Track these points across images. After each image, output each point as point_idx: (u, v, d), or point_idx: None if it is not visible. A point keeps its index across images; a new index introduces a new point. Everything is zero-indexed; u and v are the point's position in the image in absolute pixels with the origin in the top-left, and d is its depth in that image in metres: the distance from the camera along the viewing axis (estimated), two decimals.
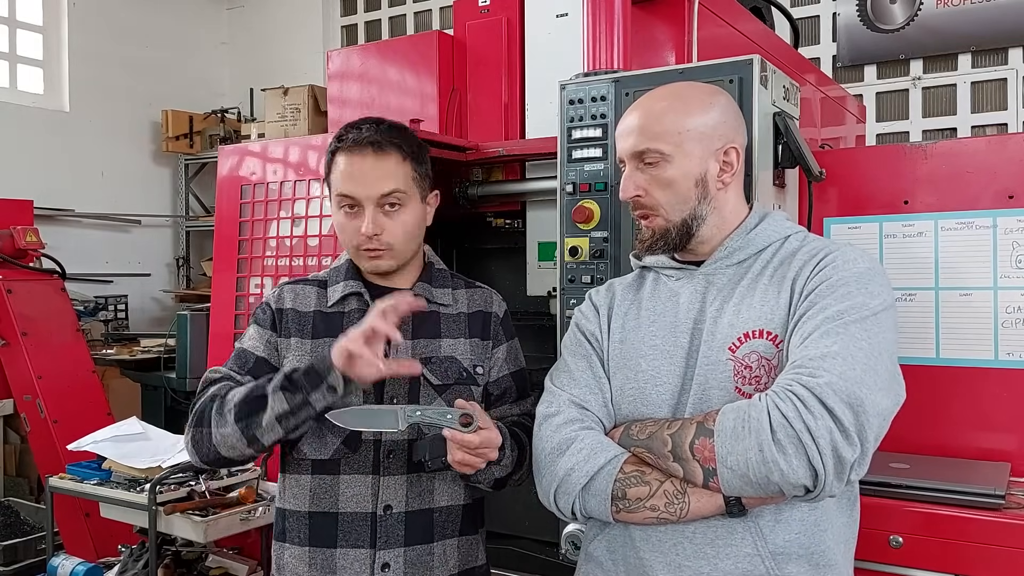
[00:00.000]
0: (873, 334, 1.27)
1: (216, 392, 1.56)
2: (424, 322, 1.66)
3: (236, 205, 2.76)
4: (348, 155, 1.60)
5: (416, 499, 1.60)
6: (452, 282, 1.73)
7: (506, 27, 2.63)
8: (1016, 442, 1.88)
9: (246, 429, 1.49)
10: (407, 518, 1.59)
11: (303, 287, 1.69)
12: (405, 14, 6.63)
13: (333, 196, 1.64)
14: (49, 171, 5.79)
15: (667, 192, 1.43)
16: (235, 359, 1.64)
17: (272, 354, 1.63)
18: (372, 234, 1.58)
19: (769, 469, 1.21)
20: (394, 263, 1.63)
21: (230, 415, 1.50)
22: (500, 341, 1.73)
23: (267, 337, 1.64)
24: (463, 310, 1.71)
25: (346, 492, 1.58)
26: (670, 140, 1.42)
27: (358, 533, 1.57)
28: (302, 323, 1.64)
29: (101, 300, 5.76)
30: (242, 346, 1.66)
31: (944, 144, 2.06)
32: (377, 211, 1.58)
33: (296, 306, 1.66)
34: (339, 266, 1.71)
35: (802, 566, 1.32)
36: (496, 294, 1.78)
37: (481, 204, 2.66)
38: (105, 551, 3.41)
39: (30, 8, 6.03)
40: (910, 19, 4.78)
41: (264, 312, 1.67)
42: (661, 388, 1.40)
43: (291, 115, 5.58)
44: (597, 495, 1.36)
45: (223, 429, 1.51)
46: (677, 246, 1.46)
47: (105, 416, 3.96)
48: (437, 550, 1.62)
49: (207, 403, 1.55)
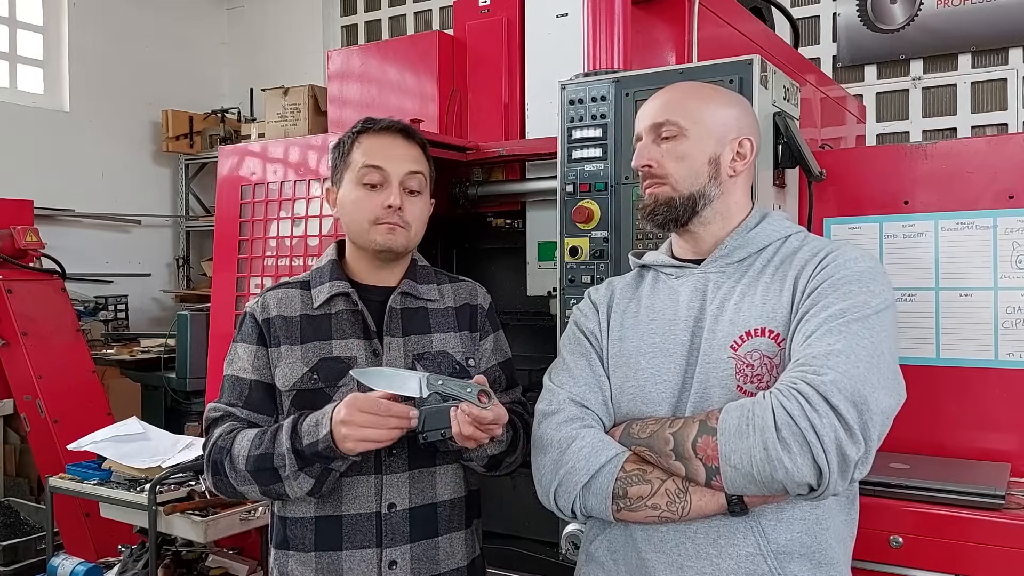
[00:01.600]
0: (875, 332, 1.27)
1: (222, 443, 1.55)
2: (412, 318, 1.66)
3: (236, 205, 2.76)
4: (378, 136, 1.64)
5: (419, 495, 1.60)
6: (436, 277, 1.74)
7: (506, 27, 2.63)
8: (1016, 442, 1.88)
9: (270, 492, 1.54)
10: (411, 514, 1.59)
11: (286, 291, 1.67)
12: (405, 14, 6.63)
13: (355, 171, 1.62)
14: (49, 171, 5.79)
15: (680, 164, 1.44)
16: (230, 390, 1.62)
17: (263, 372, 1.62)
18: (398, 207, 1.59)
19: (773, 467, 1.21)
20: (405, 245, 1.64)
21: (250, 477, 1.51)
22: (487, 332, 1.74)
23: (254, 353, 1.62)
24: (450, 304, 1.72)
25: (349, 494, 1.58)
26: (689, 117, 1.44)
27: (364, 533, 1.57)
28: (290, 329, 1.62)
29: (101, 300, 5.76)
30: (233, 373, 1.63)
31: (944, 144, 2.06)
32: (400, 189, 1.61)
33: (282, 312, 1.64)
34: (322, 267, 1.69)
35: (804, 565, 1.32)
36: (480, 286, 1.79)
37: (481, 204, 2.66)
38: (105, 551, 3.42)
39: (30, 8, 6.03)
40: (910, 19, 4.78)
41: (249, 326, 1.65)
42: (661, 386, 1.40)
43: (291, 115, 5.58)
44: (598, 494, 1.35)
45: (246, 487, 1.54)
46: (678, 219, 1.45)
47: (105, 416, 3.97)
48: (443, 543, 1.63)
49: (217, 453, 1.55)
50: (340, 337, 1.61)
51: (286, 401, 1.59)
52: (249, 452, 1.51)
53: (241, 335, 1.66)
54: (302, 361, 1.59)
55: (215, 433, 1.58)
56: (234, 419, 1.59)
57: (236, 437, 1.54)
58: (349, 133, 1.67)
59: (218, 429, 1.58)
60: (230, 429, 1.57)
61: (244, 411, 1.60)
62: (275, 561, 1.65)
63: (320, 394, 1.57)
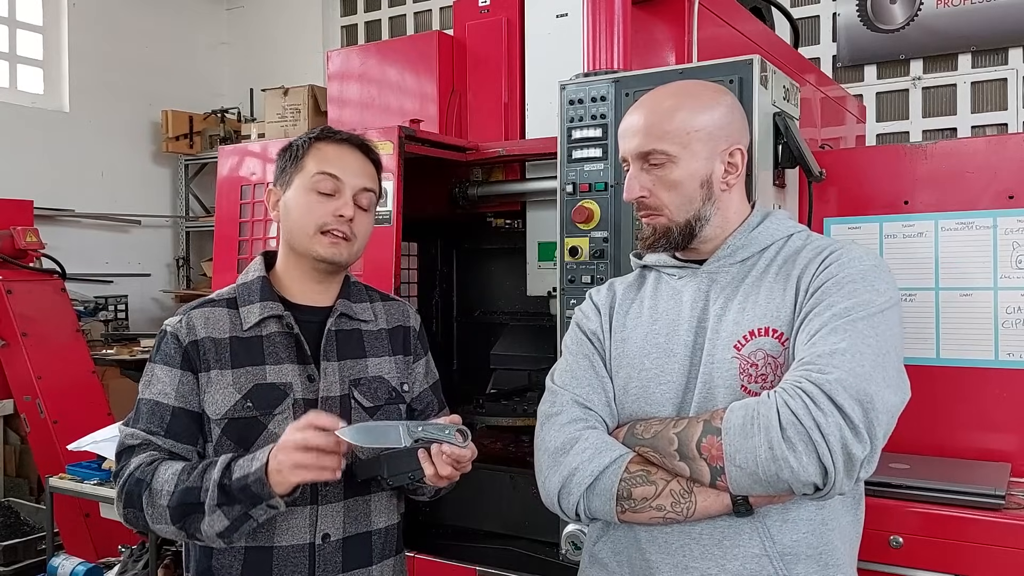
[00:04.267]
0: (880, 331, 1.26)
1: (140, 475, 1.44)
2: (348, 342, 1.60)
3: (236, 205, 2.76)
4: (336, 145, 1.60)
5: (353, 524, 1.55)
6: (368, 295, 1.69)
7: (506, 27, 2.63)
8: (1016, 442, 1.88)
9: (186, 529, 1.42)
10: (344, 544, 1.54)
11: (212, 310, 1.56)
12: (405, 14, 6.63)
13: (307, 176, 1.55)
14: (49, 171, 5.79)
15: (672, 193, 1.42)
16: (149, 416, 1.50)
17: (188, 398, 1.50)
18: (350, 217, 1.55)
19: (779, 467, 1.20)
20: (347, 259, 1.58)
21: (166, 514, 1.41)
22: (420, 355, 1.71)
23: (178, 378, 1.51)
24: (383, 326, 1.67)
25: (283, 524, 1.49)
26: (676, 141, 1.41)
27: (294, 565, 1.50)
28: (219, 352, 1.51)
29: (101, 300, 5.77)
30: (152, 397, 1.51)
31: (944, 144, 2.06)
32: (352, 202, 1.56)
33: (210, 333, 1.53)
34: (248, 283, 1.59)
35: (810, 566, 1.31)
36: (410, 307, 1.76)
37: (481, 204, 2.66)
38: (105, 551, 3.42)
39: (30, 8, 6.03)
40: (910, 19, 4.78)
41: (172, 347, 1.52)
42: (665, 387, 1.39)
43: (291, 115, 5.59)
44: (602, 495, 1.34)
45: (160, 525, 1.43)
46: (679, 245, 1.45)
47: (105, 416, 3.97)
48: (375, 572, 1.59)
49: (133, 484, 1.44)
50: (274, 362, 1.53)
51: (216, 430, 1.49)
52: (175, 487, 1.40)
53: (161, 356, 1.53)
54: (234, 387, 1.49)
55: (132, 463, 1.46)
56: (153, 448, 1.48)
57: (158, 469, 1.43)
58: (304, 138, 1.61)
59: (136, 459, 1.46)
60: (150, 460, 1.45)
61: (166, 440, 1.48)
62: None
63: (254, 423, 1.49)
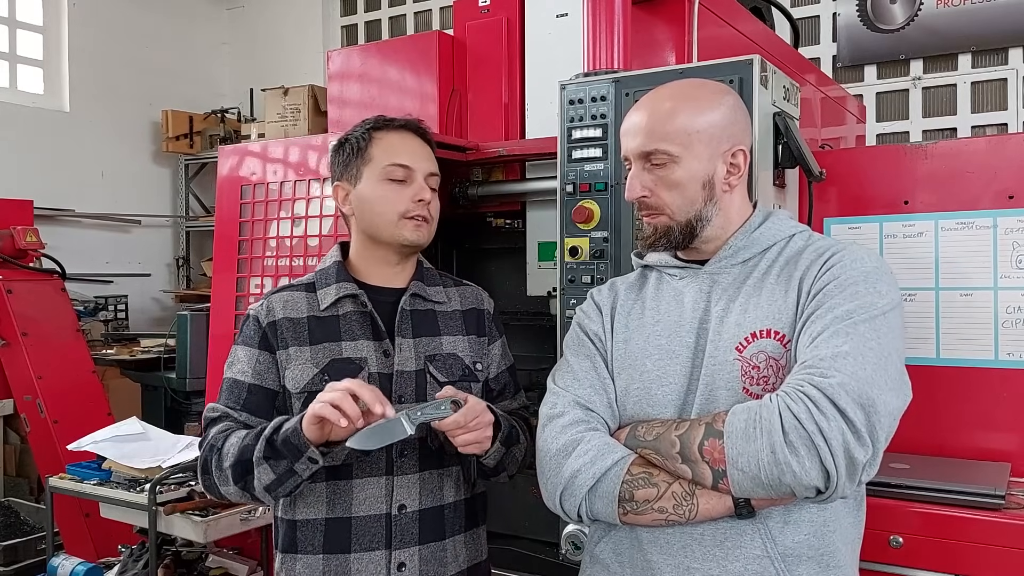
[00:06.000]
0: (882, 334, 1.26)
1: (213, 441, 1.55)
2: (422, 320, 1.66)
3: (236, 205, 2.76)
4: (397, 133, 1.66)
5: (428, 497, 1.61)
6: (442, 280, 1.75)
7: (506, 27, 2.63)
8: (1016, 442, 1.88)
9: (246, 490, 1.52)
10: (420, 516, 1.59)
11: (291, 294, 1.66)
12: (405, 14, 6.63)
13: (378, 167, 1.62)
14: (49, 171, 5.79)
15: (674, 193, 1.42)
16: (228, 392, 1.61)
17: (263, 376, 1.60)
18: (428, 200, 1.63)
19: (781, 471, 1.20)
20: (428, 240, 1.66)
21: (228, 474, 1.51)
22: (495, 337, 1.76)
23: (256, 357, 1.61)
24: (457, 307, 1.72)
25: (360, 495, 1.57)
26: (678, 141, 1.40)
27: (372, 535, 1.57)
28: (297, 331, 1.61)
29: (101, 300, 5.76)
30: (232, 376, 1.62)
31: (944, 144, 2.06)
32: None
33: (288, 314, 1.62)
34: (326, 268, 1.68)
35: (812, 568, 1.31)
36: (484, 291, 1.80)
37: (481, 204, 2.66)
38: (105, 551, 3.42)
39: (30, 8, 6.02)
40: (910, 19, 4.78)
41: (251, 329, 1.63)
42: (667, 388, 1.39)
43: (291, 115, 5.58)
44: (604, 497, 1.34)
45: (226, 487, 1.54)
46: (679, 244, 1.45)
47: (105, 416, 3.97)
48: (449, 546, 1.63)
49: (207, 452, 1.56)
50: (350, 338, 1.61)
51: (297, 403, 1.58)
52: (238, 449, 1.51)
53: (243, 337, 1.64)
54: (312, 363, 1.58)
55: (210, 433, 1.58)
56: (231, 420, 1.59)
57: (228, 438, 1.54)
58: (362, 129, 1.66)
59: (214, 429, 1.58)
60: (224, 428, 1.57)
61: (242, 414, 1.59)
62: (281, 565, 1.64)
63: None
